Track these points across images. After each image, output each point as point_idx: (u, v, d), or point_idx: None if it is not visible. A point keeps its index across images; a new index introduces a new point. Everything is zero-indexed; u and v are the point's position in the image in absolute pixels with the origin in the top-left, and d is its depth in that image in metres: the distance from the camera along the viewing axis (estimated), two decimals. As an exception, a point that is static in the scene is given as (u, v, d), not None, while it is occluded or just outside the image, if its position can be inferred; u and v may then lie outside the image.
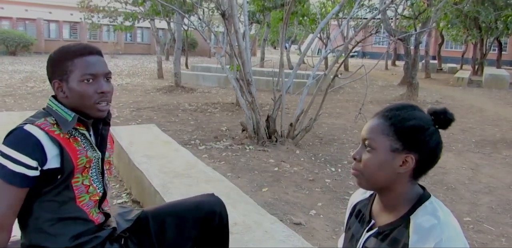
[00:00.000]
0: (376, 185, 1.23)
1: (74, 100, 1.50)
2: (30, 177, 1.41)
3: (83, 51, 1.50)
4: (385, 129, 1.17)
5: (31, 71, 16.00)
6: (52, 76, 1.53)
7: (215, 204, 1.78)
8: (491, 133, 7.53)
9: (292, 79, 6.06)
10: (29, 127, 1.42)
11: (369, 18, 6.57)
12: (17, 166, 1.39)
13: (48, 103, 1.55)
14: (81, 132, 1.54)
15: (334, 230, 3.25)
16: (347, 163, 5.11)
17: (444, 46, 27.80)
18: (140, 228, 1.71)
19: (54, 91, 1.54)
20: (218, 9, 5.55)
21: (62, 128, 1.47)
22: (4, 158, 1.39)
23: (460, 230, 1.12)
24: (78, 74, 1.48)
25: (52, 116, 1.49)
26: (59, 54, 1.52)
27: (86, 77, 1.48)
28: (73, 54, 1.50)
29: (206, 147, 5.53)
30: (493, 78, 16.49)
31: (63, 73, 1.50)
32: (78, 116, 1.51)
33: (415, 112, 1.19)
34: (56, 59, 1.52)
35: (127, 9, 15.51)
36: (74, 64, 1.49)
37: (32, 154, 1.40)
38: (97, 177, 1.60)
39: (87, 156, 1.53)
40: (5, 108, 8.06)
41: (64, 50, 1.52)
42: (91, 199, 1.57)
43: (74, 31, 32.13)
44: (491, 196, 4.29)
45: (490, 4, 16.96)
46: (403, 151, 1.16)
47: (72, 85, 1.49)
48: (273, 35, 23.65)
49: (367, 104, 9.33)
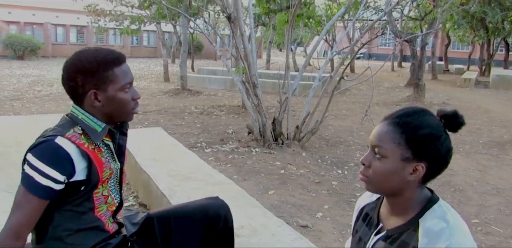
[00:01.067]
0: (385, 191, 1.23)
1: (111, 108, 1.49)
2: (55, 191, 1.41)
3: (120, 60, 1.50)
4: (396, 137, 1.15)
5: (39, 75, 16.10)
6: (83, 86, 1.46)
7: (220, 207, 1.79)
8: (498, 134, 7.49)
9: (298, 81, 6.06)
10: (60, 141, 1.40)
11: (375, 20, 6.56)
12: (44, 179, 1.37)
13: (72, 111, 1.51)
14: (106, 142, 1.54)
15: (341, 233, 3.24)
16: (354, 165, 5.10)
17: (450, 47, 27.68)
18: (146, 231, 1.72)
19: (81, 102, 1.49)
20: (223, 12, 5.56)
21: (93, 139, 1.46)
22: (32, 169, 1.37)
23: (469, 233, 1.11)
24: (119, 84, 1.48)
25: (79, 125, 1.47)
26: (95, 63, 1.45)
27: (126, 86, 1.49)
28: (112, 64, 1.47)
29: (213, 150, 5.54)
30: (500, 79, 16.40)
31: (100, 82, 1.46)
32: (108, 127, 1.51)
33: (426, 119, 1.16)
34: (91, 68, 1.45)
35: (133, 13, 15.58)
36: (113, 74, 1.47)
37: (62, 169, 1.39)
38: (115, 188, 1.60)
39: (111, 168, 1.54)
40: (13, 112, 8.11)
41: (100, 59, 1.46)
42: (109, 209, 1.58)
43: (81, 35, 32.30)
44: (499, 197, 4.26)
45: (496, 5, 16.89)
46: (413, 159, 1.14)
47: (112, 94, 1.47)
48: (278, 37, 23.65)
49: (373, 106, 9.32)
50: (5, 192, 2.97)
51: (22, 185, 1.40)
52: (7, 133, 4.68)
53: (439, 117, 1.19)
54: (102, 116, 1.51)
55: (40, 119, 5.58)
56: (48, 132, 1.45)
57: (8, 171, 3.44)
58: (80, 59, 1.47)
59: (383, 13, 7.46)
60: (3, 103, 9.22)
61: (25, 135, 4.69)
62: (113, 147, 1.57)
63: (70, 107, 1.54)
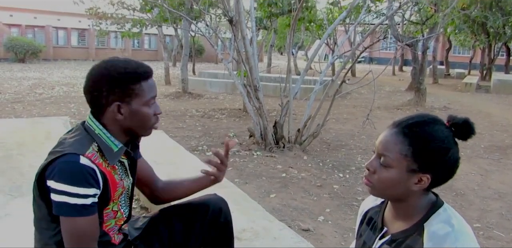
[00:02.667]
0: (389, 197, 1.24)
1: (132, 122, 1.46)
2: (95, 203, 1.38)
3: (148, 74, 1.46)
4: (403, 149, 1.14)
5: (40, 78, 16.11)
6: (107, 97, 1.41)
7: (219, 202, 1.78)
8: (500, 138, 7.48)
9: (299, 85, 6.06)
10: (84, 161, 1.34)
11: (376, 24, 6.57)
12: (87, 199, 1.34)
13: (89, 124, 1.46)
14: (121, 160, 1.52)
15: (343, 236, 3.23)
16: (355, 169, 5.09)
17: (451, 51, 27.68)
18: (148, 234, 1.72)
19: (101, 113, 1.45)
20: (225, 16, 5.57)
21: (108, 159, 1.42)
22: (64, 195, 1.32)
23: (474, 237, 1.11)
24: (145, 98, 1.44)
25: (96, 141, 1.42)
26: (124, 75, 1.41)
27: (151, 101, 1.46)
28: (140, 77, 1.43)
29: (214, 153, 5.52)
30: (501, 83, 16.40)
31: (126, 95, 1.42)
32: (125, 148, 1.48)
33: (435, 130, 1.14)
34: (119, 80, 1.41)
35: (135, 16, 15.63)
36: (141, 88, 1.43)
37: (93, 184, 1.35)
38: (125, 202, 1.59)
39: (124, 187, 1.52)
40: (14, 115, 8.12)
41: (129, 71, 1.42)
42: (117, 223, 1.57)
43: (82, 38, 32.37)
44: (501, 202, 4.25)
45: (498, 10, 16.92)
46: (419, 171, 1.14)
47: (136, 108, 1.44)
48: (280, 41, 23.71)
49: (374, 110, 9.32)
50: (8, 195, 2.97)
51: (61, 214, 1.35)
52: (9, 136, 4.68)
53: (450, 125, 1.17)
54: (121, 129, 1.46)
55: (41, 122, 5.58)
56: (66, 147, 1.38)
57: (10, 174, 3.44)
58: (109, 69, 1.42)
59: (384, 17, 7.48)
60: (4, 106, 9.23)
61: (27, 138, 4.70)
62: (127, 164, 1.56)
63: (87, 117, 1.49)
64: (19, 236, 2.33)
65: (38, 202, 1.43)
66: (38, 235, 1.49)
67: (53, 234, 1.43)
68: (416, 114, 1.20)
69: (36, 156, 3.92)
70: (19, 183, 3.21)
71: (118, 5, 15.63)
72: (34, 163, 3.70)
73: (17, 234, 2.37)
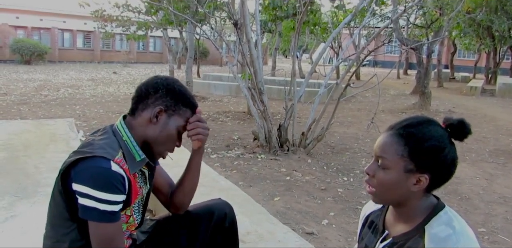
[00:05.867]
0: (391, 202, 1.24)
1: (156, 134, 1.48)
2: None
3: (197, 110, 1.56)
4: (399, 149, 1.15)
5: (45, 80, 16.19)
6: (159, 99, 1.48)
7: (224, 207, 1.79)
8: (505, 142, 7.45)
9: (304, 88, 6.06)
10: (115, 168, 1.34)
11: (381, 28, 6.57)
12: (116, 206, 1.35)
13: (118, 128, 1.48)
14: (143, 170, 1.55)
15: (347, 240, 3.23)
16: (360, 173, 5.08)
17: (456, 55, 27.67)
18: (155, 238, 1.73)
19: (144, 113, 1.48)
20: (230, 19, 5.58)
21: (129, 167, 1.43)
22: (94, 200, 1.31)
23: (475, 240, 1.12)
24: (181, 122, 1.51)
25: (121, 147, 1.44)
26: (184, 94, 1.52)
27: (183, 129, 1.52)
28: (193, 106, 1.54)
29: (218, 156, 5.54)
30: (506, 87, 16.36)
31: (173, 109, 1.49)
32: (147, 160, 1.50)
33: (430, 130, 1.16)
34: (178, 94, 1.51)
35: (140, 19, 15.69)
36: (187, 113, 1.52)
37: (123, 191, 1.36)
38: (139, 208, 1.59)
39: (142, 194, 1.55)
40: (20, 117, 8.15)
41: (189, 95, 1.54)
42: (128, 229, 1.58)
43: (88, 40, 32.51)
44: (506, 206, 4.24)
45: (503, 13, 16.89)
46: (417, 171, 1.15)
47: (171, 123, 1.49)
48: (284, 44, 23.71)
49: (379, 113, 9.30)
50: (14, 197, 2.98)
51: (90, 219, 1.35)
52: (15, 138, 4.70)
53: (446, 126, 1.18)
54: (141, 137, 1.48)
55: (46, 124, 5.61)
56: (96, 149, 1.37)
57: (17, 176, 3.45)
58: (175, 83, 1.53)
59: (389, 20, 7.48)
60: (10, 108, 9.27)
61: (33, 139, 4.72)
62: (147, 174, 1.58)
63: (117, 121, 1.50)
64: (25, 238, 2.34)
65: (57, 199, 1.42)
66: (50, 232, 1.48)
67: (67, 232, 1.43)
68: (412, 116, 1.22)
69: (42, 158, 3.95)
70: (24, 184, 3.23)
71: (124, 7, 15.69)
72: (40, 164, 3.73)
73: (23, 235, 2.38)
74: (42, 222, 1.53)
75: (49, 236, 1.49)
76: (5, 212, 2.71)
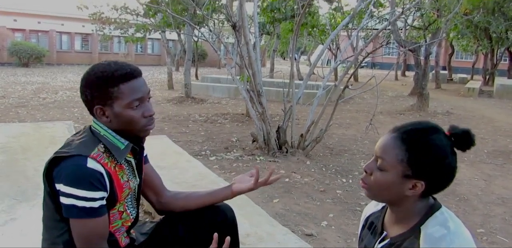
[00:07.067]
0: (383, 200, 1.26)
1: (119, 125, 1.46)
2: (104, 205, 1.41)
3: (128, 76, 1.43)
4: (399, 154, 1.15)
5: (43, 82, 16.18)
6: (92, 101, 1.45)
7: (225, 210, 1.80)
8: (503, 143, 7.47)
9: (302, 90, 6.07)
10: (91, 164, 1.36)
11: (379, 29, 6.59)
12: (95, 202, 1.36)
13: (93, 126, 1.49)
14: (128, 159, 1.54)
15: (346, 242, 3.23)
16: (358, 174, 5.09)
17: (454, 56, 27.72)
18: (154, 240, 1.73)
19: (95, 116, 1.48)
20: (228, 21, 5.60)
21: (116, 157, 1.44)
22: (73, 198, 1.34)
23: (471, 240, 1.12)
24: (125, 101, 1.42)
25: (102, 142, 1.45)
26: (102, 79, 1.41)
27: (133, 104, 1.44)
28: (118, 80, 1.41)
29: (217, 158, 5.55)
30: (504, 88, 16.40)
31: (106, 99, 1.42)
32: (131, 145, 1.50)
33: (434, 138, 1.15)
34: (97, 84, 1.42)
35: (138, 21, 15.69)
36: (120, 91, 1.41)
37: (100, 187, 1.37)
38: (132, 203, 1.60)
39: (130, 188, 1.54)
40: (18, 119, 8.15)
41: (106, 74, 1.41)
42: (124, 224, 1.58)
43: (86, 43, 32.52)
44: (505, 207, 4.25)
45: (500, 15, 16.95)
46: (413, 177, 1.15)
47: (118, 111, 1.43)
48: (282, 46, 23.75)
49: (377, 115, 9.32)
50: (13, 200, 2.98)
51: (71, 217, 1.38)
52: (13, 141, 4.70)
53: (450, 135, 1.18)
54: (113, 128, 1.48)
55: (45, 127, 5.61)
56: (72, 148, 1.40)
57: (16, 179, 3.45)
58: (90, 73, 1.45)
59: (387, 22, 7.50)
60: (8, 110, 9.27)
61: (31, 142, 4.72)
62: (134, 164, 1.57)
63: (92, 122, 1.52)
64: (25, 240, 2.34)
65: (47, 201, 1.45)
66: (46, 234, 1.50)
67: (60, 233, 1.44)
68: (418, 121, 1.22)
69: (41, 161, 3.93)
70: (24, 187, 3.23)
71: (122, 10, 15.71)
72: (39, 167, 3.72)
73: (22, 238, 2.38)
74: (41, 225, 1.54)
75: (45, 238, 1.52)
76: (5, 215, 2.71)
